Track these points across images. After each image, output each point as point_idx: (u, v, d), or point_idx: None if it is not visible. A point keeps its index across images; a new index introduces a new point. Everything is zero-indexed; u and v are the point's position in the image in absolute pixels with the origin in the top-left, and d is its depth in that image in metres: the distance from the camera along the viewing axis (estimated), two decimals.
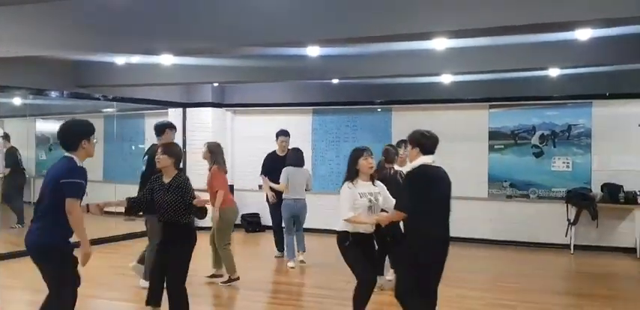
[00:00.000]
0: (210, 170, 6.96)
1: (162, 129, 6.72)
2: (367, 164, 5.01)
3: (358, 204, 4.90)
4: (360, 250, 4.95)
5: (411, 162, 4.79)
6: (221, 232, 6.90)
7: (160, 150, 5.25)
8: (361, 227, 4.95)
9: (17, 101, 10.63)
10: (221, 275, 7.03)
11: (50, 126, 14.23)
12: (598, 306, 6.27)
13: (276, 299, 6.60)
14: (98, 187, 4.39)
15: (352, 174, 5.02)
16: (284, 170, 7.83)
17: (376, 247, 5.42)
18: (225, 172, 7.06)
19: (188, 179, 5.20)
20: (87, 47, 6.27)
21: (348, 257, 4.97)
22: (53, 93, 9.11)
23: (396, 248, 4.97)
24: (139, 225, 10.46)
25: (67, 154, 4.33)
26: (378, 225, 5.03)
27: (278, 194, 8.07)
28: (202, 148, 7.11)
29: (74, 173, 4.21)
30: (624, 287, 7.38)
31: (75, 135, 4.34)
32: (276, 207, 8.20)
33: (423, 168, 4.64)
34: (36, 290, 6.81)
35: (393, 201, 5.01)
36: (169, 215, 5.08)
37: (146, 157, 6.60)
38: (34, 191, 13.43)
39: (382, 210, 5.10)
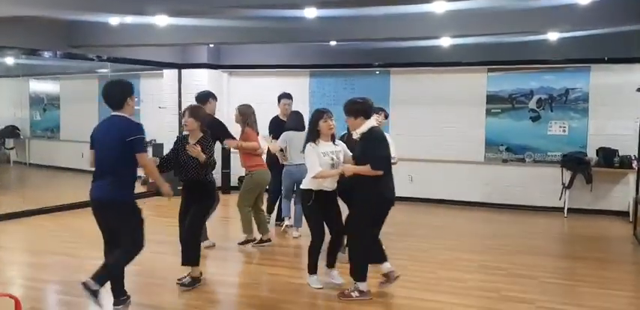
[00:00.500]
0: (242, 133, 6.94)
1: (205, 98, 6.76)
2: (327, 126, 5.28)
3: (321, 163, 5.19)
4: (322, 211, 5.33)
5: (355, 129, 5.14)
6: (249, 193, 6.96)
7: (187, 114, 5.41)
8: (325, 183, 5.25)
9: (10, 61, 10.51)
10: (269, 240, 7.13)
11: (44, 87, 14.08)
12: (590, 269, 6.35)
13: (273, 260, 6.66)
14: None
15: (314, 136, 5.29)
16: (283, 134, 7.56)
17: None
18: (258, 134, 7.03)
19: (212, 141, 5.46)
20: (80, 7, 6.17)
21: (309, 217, 5.40)
22: (46, 54, 8.98)
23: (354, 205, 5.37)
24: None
25: (115, 113, 4.54)
26: (339, 182, 5.32)
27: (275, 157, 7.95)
28: (234, 112, 7.08)
29: (137, 129, 4.47)
30: (616, 249, 7.48)
31: (121, 93, 4.55)
32: (275, 172, 8.11)
33: (375, 129, 5.11)
34: (34, 251, 6.89)
35: (350, 153, 5.38)
36: (193, 174, 5.34)
37: None
38: (29, 151, 13.43)
39: None
